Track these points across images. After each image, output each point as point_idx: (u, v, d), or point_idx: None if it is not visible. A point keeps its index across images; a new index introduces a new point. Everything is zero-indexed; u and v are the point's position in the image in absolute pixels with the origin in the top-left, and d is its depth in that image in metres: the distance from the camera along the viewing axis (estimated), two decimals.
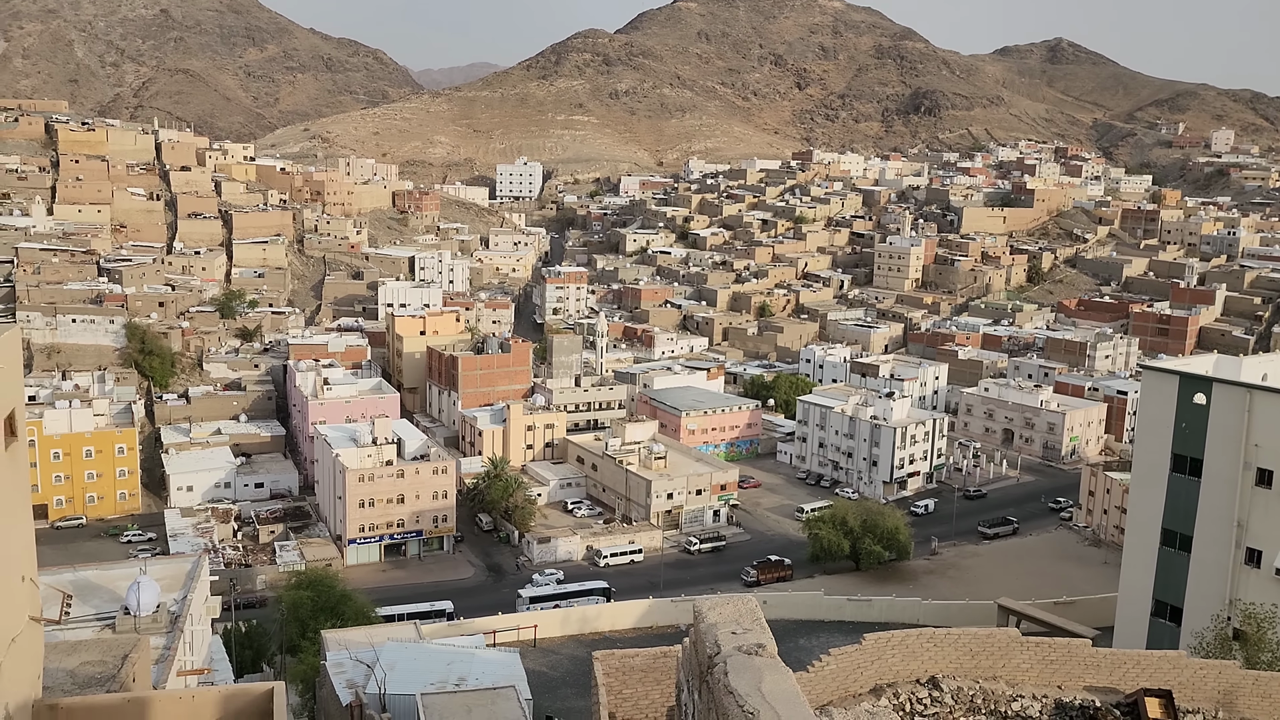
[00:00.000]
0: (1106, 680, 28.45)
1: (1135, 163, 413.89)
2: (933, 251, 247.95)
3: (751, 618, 19.74)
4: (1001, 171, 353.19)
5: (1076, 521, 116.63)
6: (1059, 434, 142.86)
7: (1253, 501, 51.60)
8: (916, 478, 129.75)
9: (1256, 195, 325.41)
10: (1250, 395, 51.98)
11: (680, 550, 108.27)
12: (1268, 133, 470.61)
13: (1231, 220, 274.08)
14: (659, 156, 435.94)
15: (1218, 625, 47.72)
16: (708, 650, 18.77)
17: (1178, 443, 54.37)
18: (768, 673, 17.18)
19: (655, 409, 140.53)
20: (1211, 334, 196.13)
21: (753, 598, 21.37)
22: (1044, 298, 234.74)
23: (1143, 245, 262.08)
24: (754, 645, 18.17)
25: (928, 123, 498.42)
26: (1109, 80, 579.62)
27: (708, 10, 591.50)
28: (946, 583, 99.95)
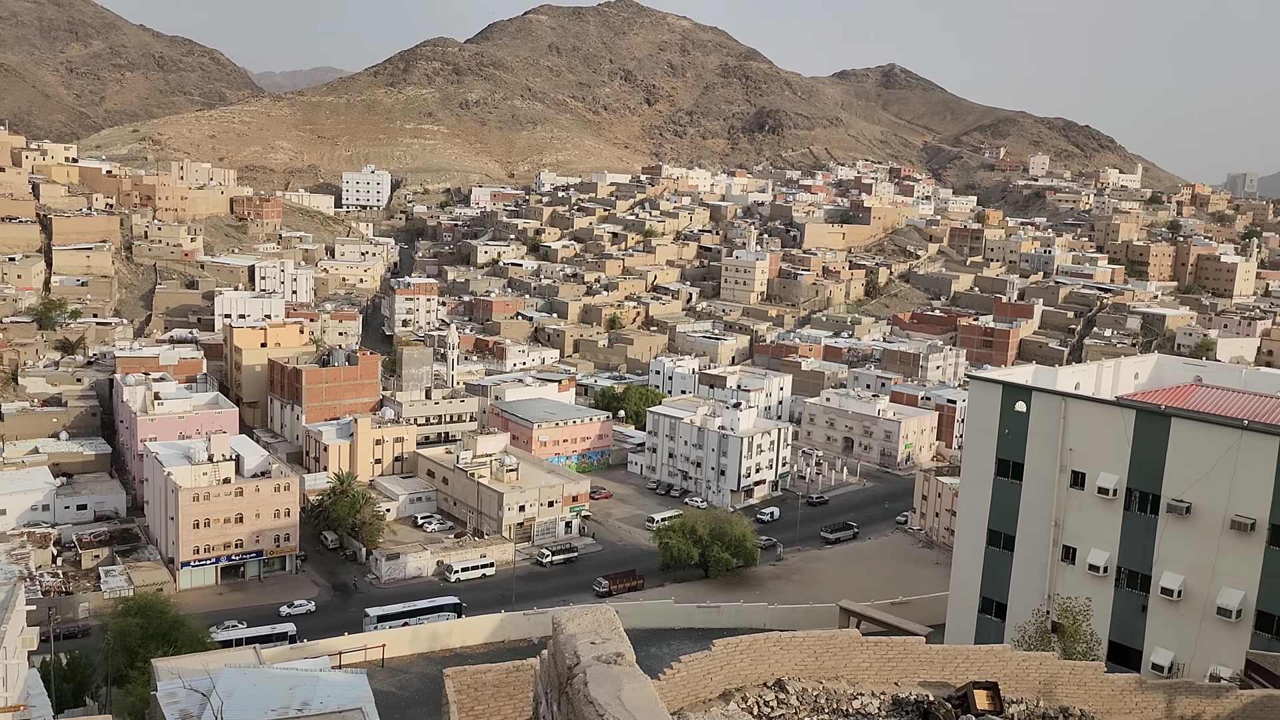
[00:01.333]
0: (939, 675, 30.03)
1: (962, 184, 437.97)
2: (777, 266, 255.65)
3: (610, 627, 20.03)
4: (841, 190, 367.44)
5: (912, 525, 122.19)
6: (895, 441, 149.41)
7: (1068, 502, 55.45)
8: (763, 486, 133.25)
9: (1069, 217, 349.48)
10: (1065, 403, 55.89)
11: (532, 563, 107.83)
12: (1078, 158, 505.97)
13: (1047, 240, 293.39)
14: (510, 168, 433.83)
15: (1038, 619, 50.99)
16: (567, 661, 18.95)
17: (1001, 448, 57.89)
18: (627, 681, 17.48)
19: (507, 421, 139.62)
20: (1031, 345, 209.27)
21: (610, 608, 21.67)
22: (881, 311, 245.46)
23: (969, 262, 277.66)
24: (613, 655, 18.44)
25: (771, 141, 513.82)
26: (938, 106, 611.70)
27: (559, 24, 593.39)
28: (792, 587, 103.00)
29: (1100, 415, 54.92)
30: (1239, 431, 50.04)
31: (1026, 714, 29.62)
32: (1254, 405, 55.96)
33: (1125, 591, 53.46)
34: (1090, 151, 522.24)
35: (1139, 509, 52.90)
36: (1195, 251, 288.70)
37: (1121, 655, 52.14)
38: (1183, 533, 51.19)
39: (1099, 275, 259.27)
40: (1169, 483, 51.57)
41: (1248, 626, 49.12)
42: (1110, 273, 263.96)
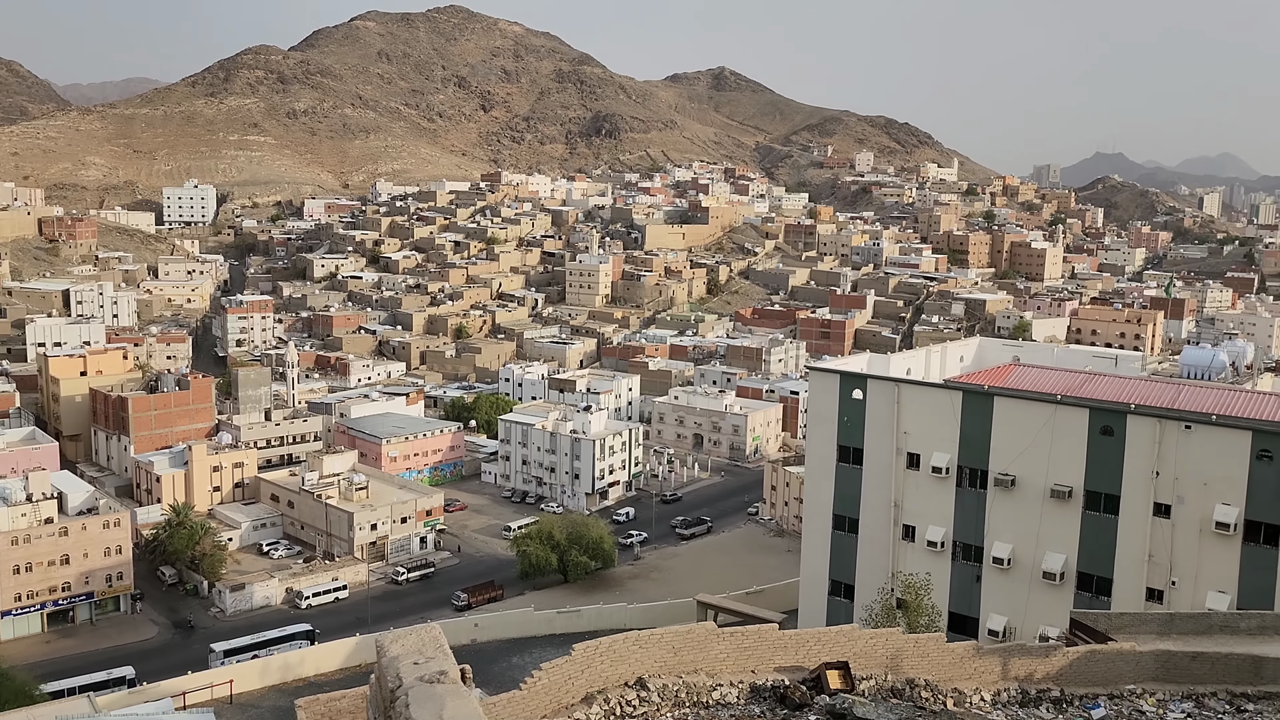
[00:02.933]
0: (793, 659, 30.99)
1: (794, 182, 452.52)
2: (620, 268, 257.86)
3: (435, 646, 19.78)
4: (679, 191, 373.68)
5: (763, 515, 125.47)
6: (743, 435, 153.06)
7: (905, 483, 58.14)
8: (617, 487, 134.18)
9: (894, 210, 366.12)
10: (898, 388, 58.58)
11: (388, 582, 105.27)
12: (900, 154, 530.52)
13: (876, 233, 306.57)
14: (344, 178, 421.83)
15: (883, 597, 53.27)
16: (390, 684, 18.64)
17: (842, 435, 60.18)
18: (449, 699, 17.29)
19: (354, 438, 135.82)
20: (865, 335, 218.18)
21: (436, 626, 21.37)
22: (723, 308, 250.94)
23: (804, 257, 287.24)
24: (436, 674, 18.21)
25: (609, 145, 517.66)
26: (767, 107, 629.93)
27: (387, 30, 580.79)
28: (650, 585, 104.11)
29: (930, 398, 57.79)
30: (1054, 406, 53.60)
31: (876, 689, 30.91)
32: (1066, 380, 60.02)
33: (961, 564, 56.46)
34: (910, 147, 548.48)
35: (970, 485, 55.95)
36: (1009, 239, 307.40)
37: (960, 624, 55.02)
38: (1009, 504, 54.46)
39: (924, 265, 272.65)
40: (995, 458, 54.76)
41: (1070, 587, 52.69)
42: (934, 262, 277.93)
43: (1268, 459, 47.13)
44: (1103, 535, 51.83)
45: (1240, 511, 47.80)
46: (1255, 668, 33.34)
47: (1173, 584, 49.84)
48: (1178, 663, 33.53)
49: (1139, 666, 33.38)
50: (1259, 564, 47.51)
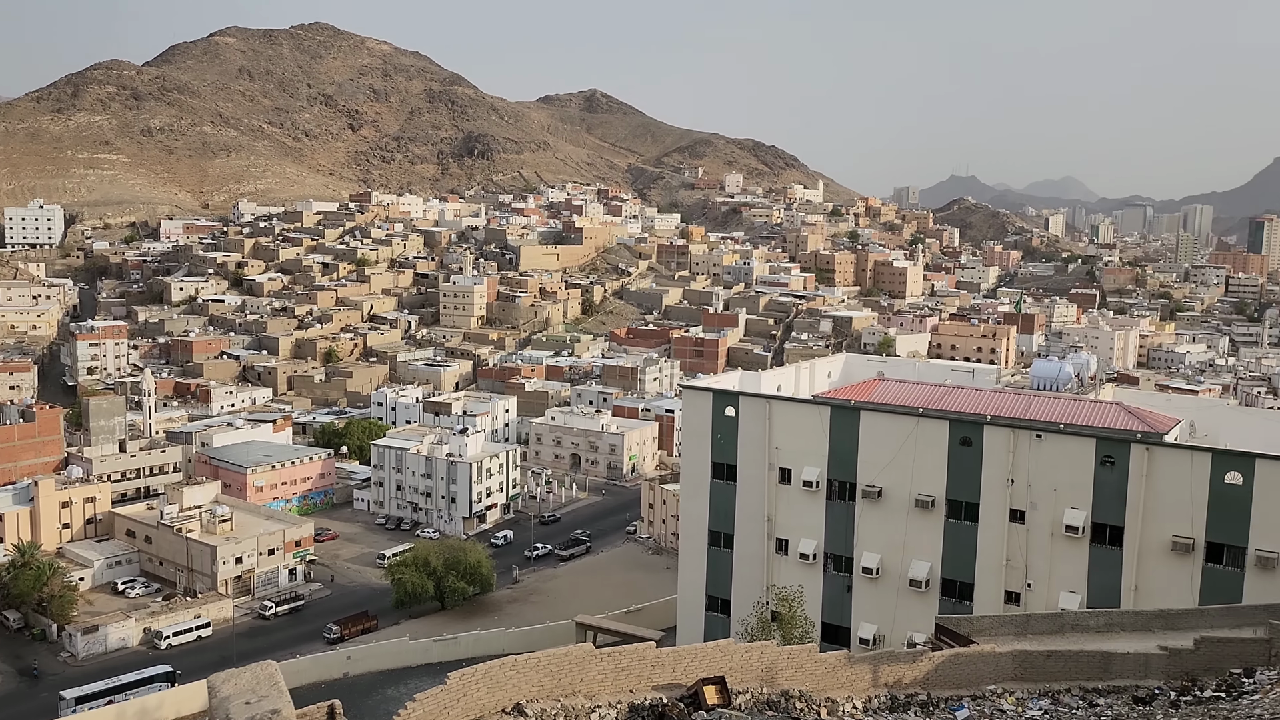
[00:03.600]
0: (671, 677, 31.17)
1: (666, 203, 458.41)
2: (495, 289, 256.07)
3: (269, 684, 19.25)
4: (553, 212, 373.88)
5: (641, 533, 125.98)
6: (620, 454, 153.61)
7: (778, 497, 59.33)
8: (495, 510, 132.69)
9: (763, 230, 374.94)
10: (769, 405, 59.83)
11: (255, 617, 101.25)
12: (768, 176, 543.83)
13: (746, 252, 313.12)
14: (204, 198, 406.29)
15: (758, 611, 54.11)
16: None
17: (715, 451, 61.05)
18: None
19: (217, 469, 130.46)
20: (738, 352, 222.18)
21: (272, 664, 20.75)
22: (598, 328, 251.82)
23: (677, 276, 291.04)
24: (268, 713, 17.74)
25: (481, 165, 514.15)
26: (639, 129, 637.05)
27: (248, 46, 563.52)
28: (530, 608, 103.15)
29: (800, 414, 59.21)
30: (916, 419, 55.64)
31: (752, 702, 31.36)
32: (927, 394, 62.40)
33: (832, 575, 57.90)
34: (778, 169, 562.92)
35: (839, 497, 57.48)
36: (872, 258, 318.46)
37: (833, 634, 56.38)
38: (877, 515, 56.18)
39: (793, 283, 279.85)
40: (862, 470, 56.44)
41: (935, 594, 54.64)
42: (803, 281, 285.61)
43: (1110, 464, 49.98)
44: (964, 542, 53.97)
45: (1087, 515, 50.51)
46: (1104, 663, 35.23)
47: (1029, 586, 52.23)
48: (1034, 662, 35.14)
49: (999, 667, 34.84)
50: (1105, 564, 50.27)
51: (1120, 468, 49.68)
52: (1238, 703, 29.37)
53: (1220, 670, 34.01)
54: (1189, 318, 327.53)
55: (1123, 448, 49.95)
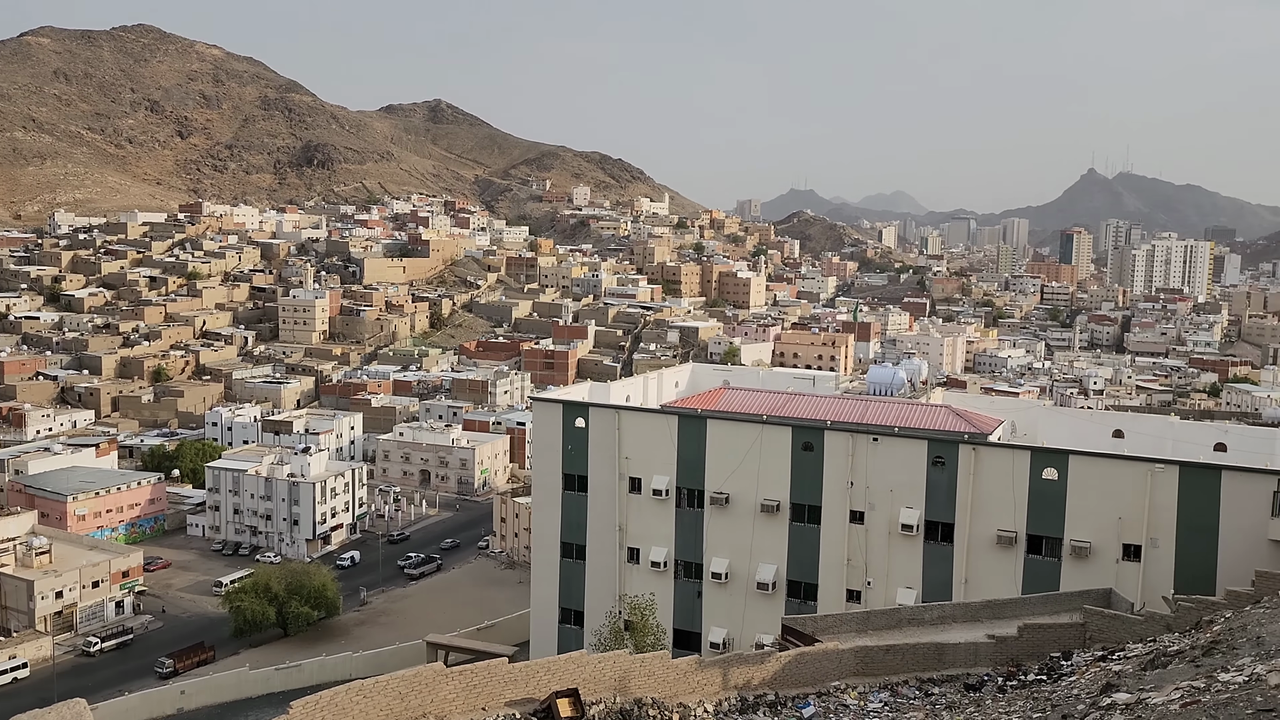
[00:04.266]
0: (524, 691, 31.01)
1: (514, 215, 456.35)
2: (338, 303, 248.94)
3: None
4: (398, 224, 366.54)
5: (493, 548, 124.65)
6: (471, 469, 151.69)
7: (629, 507, 59.85)
8: (340, 530, 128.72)
9: (611, 242, 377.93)
10: (619, 415, 60.35)
11: (78, 654, 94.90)
12: (615, 189, 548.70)
13: (595, 265, 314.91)
14: (15, 209, 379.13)
15: (611, 620, 54.40)
16: None
17: (567, 463, 61.12)
18: None
19: (33, 498, 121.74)
20: (588, 364, 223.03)
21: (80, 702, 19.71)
22: (447, 342, 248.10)
23: (526, 289, 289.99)
24: None
25: (322, 175, 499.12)
26: (485, 140, 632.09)
27: (64, 48, 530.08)
28: (379, 630, 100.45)
29: (649, 423, 59.95)
30: (760, 426, 57.19)
31: (605, 712, 31.51)
32: (771, 401, 64.22)
33: (683, 581, 58.78)
34: (625, 182, 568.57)
35: (688, 505, 58.45)
36: (717, 269, 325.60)
37: (685, 640, 57.22)
38: (724, 521, 57.39)
39: (641, 295, 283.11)
40: (710, 478, 57.57)
41: (781, 595, 56.23)
42: (650, 292, 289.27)
43: (941, 464, 52.65)
44: (807, 544, 55.75)
45: (921, 514, 53.04)
46: (938, 653, 37.04)
47: (868, 584, 54.39)
48: (874, 656, 36.64)
49: (842, 664, 36.16)
50: (938, 559, 52.88)
51: (950, 467, 52.38)
52: (1057, 684, 31.38)
53: (1042, 654, 36.28)
54: (1009, 324, 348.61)
55: (952, 448, 52.69)
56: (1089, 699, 26.08)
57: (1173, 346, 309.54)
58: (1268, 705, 17.92)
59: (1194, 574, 46.85)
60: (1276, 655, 23.79)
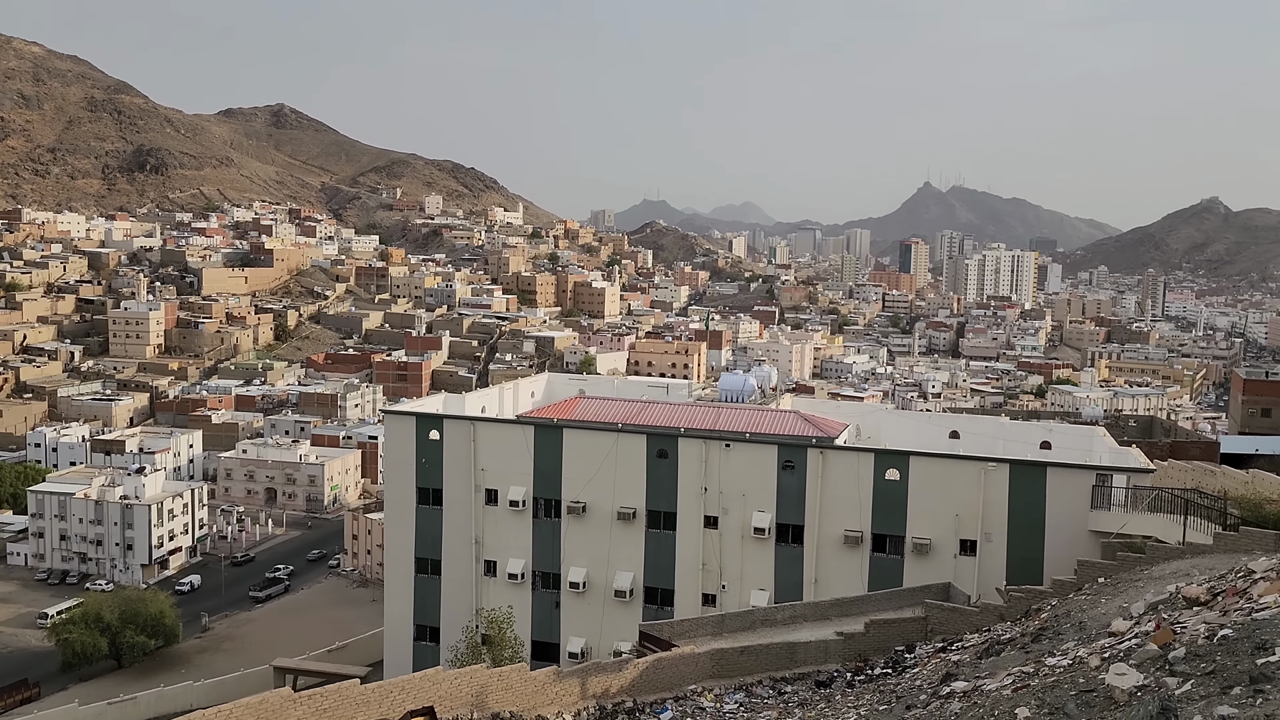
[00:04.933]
0: (377, 712, 30.22)
1: (363, 224, 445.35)
2: (174, 315, 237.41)
3: None
4: (239, 232, 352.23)
5: (345, 566, 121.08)
6: (320, 485, 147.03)
7: (485, 519, 59.20)
8: (179, 554, 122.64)
9: (465, 252, 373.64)
10: (474, 426, 59.65)
11: None
12: (468, 198, 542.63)
13: (448, 275, 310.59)
14: None
15: (468, 635, 53.65)
16: None
17: (420, 477, 59.99)
18: None
19: None
20: (442, 376, 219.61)
21: None
22: (293, 354, 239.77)
23: (377, 299, 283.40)
24: None
25: (156, 181, 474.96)
26: (332, 147, 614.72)
27: None
28: (222, 657, 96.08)
29: (505, 434, 59.48)
30: (616, 434, 57.56)
31: None
32: (626, 410, 64.69)
33: (541, 593, 58.53)
34: (478, 191, 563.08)
35: (545, 515, 58.25)
36: (572, 279, 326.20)
37: (544, 651, 56.95)
38: (582, 531, 57.45)
39: (496, 305, 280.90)
40: (567, 487, 57.54)
41: (639, 602, 56.67)
42: (505, 302, 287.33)
43: (791, 468, 54.18)
44: (664, 551, 56.38)
45: (772, 517, 54.41)
46: (791, 652, 38.06)
47: (723, 588, 55.41)
48: (730, 658, 37.35)
49: (698, 667, 36.71)
50: (789, 561, 54.36)
51: (799, 471, 53.96)
52: (902, 676, 32.72)
53: (887, 648, 37.75)
54: (854, 331, 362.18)
55: (800, 452, 54.28)
56: (930, 689, 27.30)
57: (1003, 351, 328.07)
58: (1089, 686, 19.16)
59: (1024, 565, 49.67)
60: (1097, 639, 25.46)
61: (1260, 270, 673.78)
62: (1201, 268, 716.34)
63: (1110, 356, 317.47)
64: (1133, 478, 48.63)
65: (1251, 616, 19.36)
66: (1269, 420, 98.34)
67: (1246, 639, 17.74)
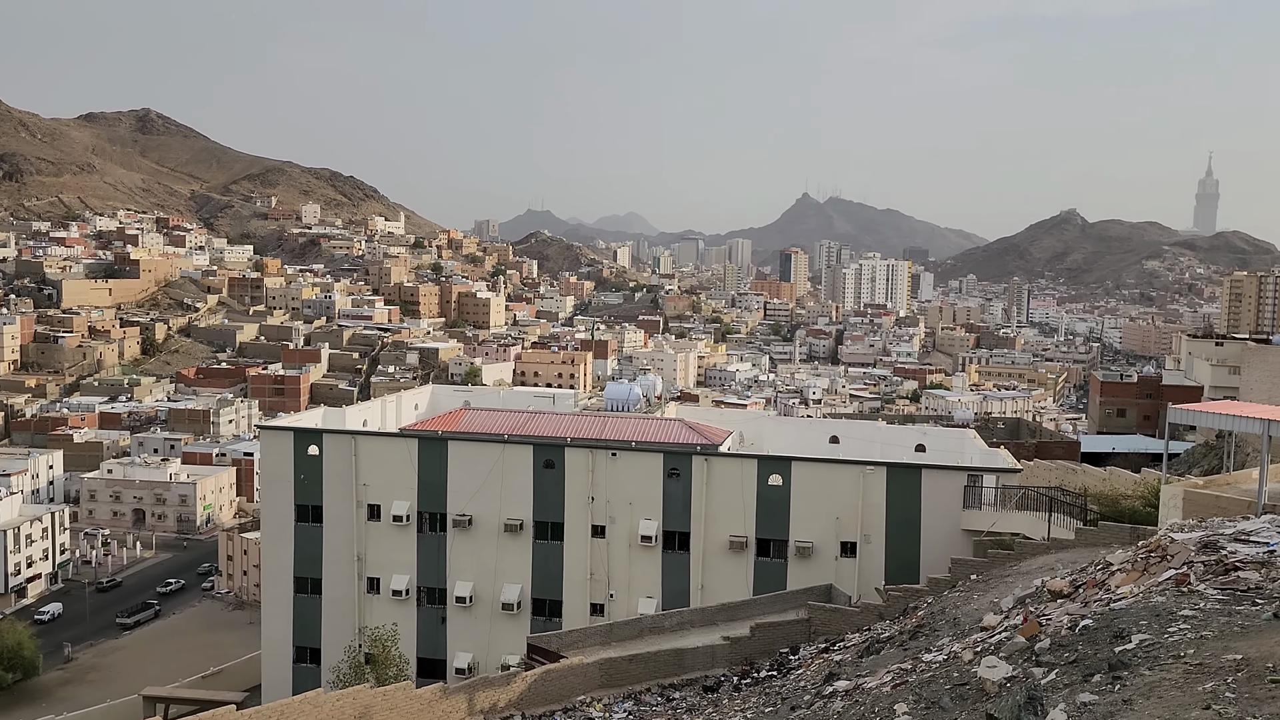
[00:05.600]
0: None
1: (236, 233, 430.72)
2: (31, 329, 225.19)
3: None
4: (102, 242, 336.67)
5: (220, 589, 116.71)
6: (192, 505, 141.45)
7: (368, 535, 57.88)
8: (38, 581, 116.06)
9: (344, 262, 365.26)
10: (355, 440, 58.31)
11: None
12: (347, 207, 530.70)
13: (327, 285, 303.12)
14: None
15: (351, 655, 52.30)
16: None
17: (299, 493, 58.27)
18: None
19: None
20: (322, 389, 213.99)
21: None
22: (162, 369, 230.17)
23: (252, 311, 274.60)
24: None
25: (10, 189, 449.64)
26: (202, 153, 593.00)
27: None
28: (88, 689, 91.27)
29: (388, 448, 58.32)
30: (502, 445, 57.08)
31: None
32: (512, 420, 64.21)
33: (426, 608, 57.51)
34: (357, 200, 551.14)
35: (430, 529, 57.31)
36: (456, 290, 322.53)
37: (430, 668, 55.96)
38: (468, 544, 56.74)
39: (378, 316, 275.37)
40: (452, 500, 56.75)
41: (527, 615, 56.26)
42: (387, 313, 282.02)
43: (676, 476, 54.68)
44: (551, 562, 56.12)
45: (659, 524, 54.78)
46: (679, 659, 38.34)
47: (611, 597, 55.47)
48: (618, 667, 37.39)
49: (587, 678, 36.63)
50: (676, 568, 54.80)
51: (685, 478, 54.49)
52: (787, 678, 33.33)
53: (772, 651, 38.39)
54: (736, 340, 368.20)
55: (685, 460, 54.82)
56: (814, 689, 27.89)
57: (879, 357, 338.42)
58: (963, 680, 19.87)
59: (901, 565, 51.24)
60: (970, 633, 26.45)
61: (1114, 278, 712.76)
62: (1062, 276, 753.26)
63: (979, 361, 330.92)
64: (1001, 478, 50.75)
65: (1110, 606, 20.42)
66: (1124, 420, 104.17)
67: (1105, 628, 18.70)
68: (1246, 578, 20.20)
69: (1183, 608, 18.73)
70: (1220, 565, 21.26)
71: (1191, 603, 19.04)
